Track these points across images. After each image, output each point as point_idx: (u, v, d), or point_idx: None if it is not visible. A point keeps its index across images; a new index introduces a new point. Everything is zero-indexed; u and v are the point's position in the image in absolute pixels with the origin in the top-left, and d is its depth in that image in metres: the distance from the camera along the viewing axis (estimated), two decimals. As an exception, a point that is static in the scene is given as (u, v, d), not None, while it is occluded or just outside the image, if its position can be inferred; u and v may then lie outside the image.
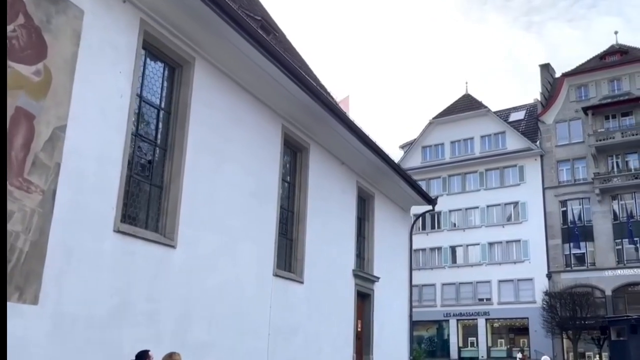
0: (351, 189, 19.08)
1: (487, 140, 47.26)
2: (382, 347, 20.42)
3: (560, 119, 44.87)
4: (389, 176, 21.08)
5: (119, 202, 9.55)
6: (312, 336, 15.59)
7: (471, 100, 49.66)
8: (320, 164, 16.92)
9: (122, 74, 9.82)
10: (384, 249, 21.55)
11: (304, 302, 15.42)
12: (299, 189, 15.96)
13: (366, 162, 19.30)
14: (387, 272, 21.64)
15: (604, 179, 41.87)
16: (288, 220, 15.52)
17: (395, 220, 23.22)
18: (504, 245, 44.48)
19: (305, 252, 15.61)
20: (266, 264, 13.71)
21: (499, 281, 43.79)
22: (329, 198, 17.37)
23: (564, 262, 42.37)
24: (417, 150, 49.80)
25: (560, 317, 38.54)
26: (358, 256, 19.85)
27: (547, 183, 44.10)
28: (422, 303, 46.12)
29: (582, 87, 45.11)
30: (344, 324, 17.79)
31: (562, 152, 44.18)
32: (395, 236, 23.01)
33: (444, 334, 45.80)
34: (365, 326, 19.80)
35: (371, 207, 20.95)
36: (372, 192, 20.94)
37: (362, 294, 19.55)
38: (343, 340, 17.59)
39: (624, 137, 41.50)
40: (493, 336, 44.56)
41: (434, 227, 47.62)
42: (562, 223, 42.92)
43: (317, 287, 16.10)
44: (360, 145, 17.93)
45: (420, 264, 47.28)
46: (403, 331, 23.06)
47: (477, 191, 46.38)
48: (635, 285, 40.36)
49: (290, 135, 15.34)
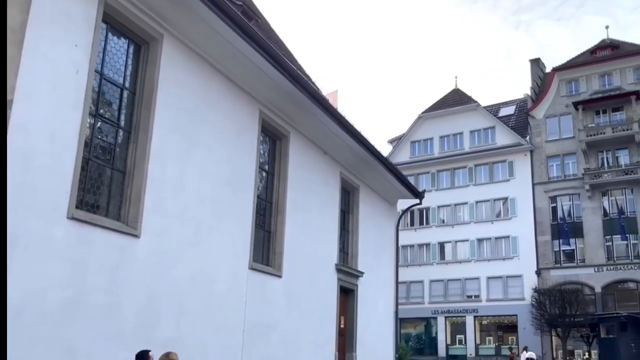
0: (334, 180, 18.36)
1: (476, 135, 46.65)
2: (366, 344, 19.75)
3: (551, 114, 44.34)
4: (374, 168, 20.39)
5: (74, 187, 8.79)
6: (291, 333, 14.88)
7: (461, 94, 49.02)
8: (301, 153, 16.20)
9: (78, 47, 9.05)
10: (369, 244, 20.87)
11: (282, 297, 14.70)
12: (278, 178, 15.23)
13: (350, 152, 18.61)
14: (372, 268, 20.96)
15: (594, 174, 41.37)
16: (266, 211, 14.80)
17: (381, 214, 22.52)
18: (493, 241, 43.93)
19: (285, 245, 14.89)
20: (241, 256, 12.99)
21: (488, 278, 43.22)
22: (311, 189, 16.65)
23: (554, 258, 41.86)
24: (405, 145, 49.14)
25: (549, 315, 38.01)
26: (341, 250, 19.15)
27: (536, 179, 43.57)
28: (410, 300, 45.52)
29: (572, 82, 44.59)
30: (326, 320, 17.08)
31: (552, 148, 43.65)
32: (381, 231, 22.32)
33: (432, 332, 45.20)
34: (348, 322, 19.11)
35: (356, 200, 20.25)
36: (356, 185, 20.24)
37: (345, 289, 18.85)
38: (325, 337, 16.88)
39: (614, 133, 41.00)
40: (481, 333, 43.99)
41: (422, 223, 46.99)
42: (552, 219, 42.41)
43: (297, 282, 15.39)
44: (343, 134, 17.22)
45: (409, 260, 46.68)
46: (388, 328, 22.39)
47: (466, 187, 45.77)
48: (625, 282, 39.92)
49: (268, 122, 14.60)
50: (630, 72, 42.58)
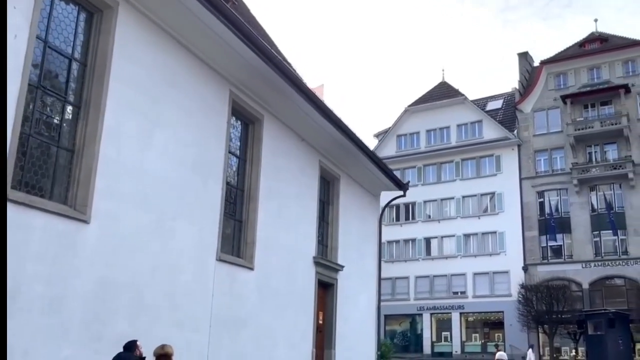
0: (312, 169, 17.49)
1: (463, 129, 45.91)
2: (346, 341, 18.91)
3: (539, 108, 43.68)
4: (356, 157, 19.53)
5: (10, 164, 7.87)
6: (264, 329, 14.00)
7: (448, 88, 48.26)
8: (276, 138, 15.31)
9: (17, 10, 8.12)
10: (350, 237, 20.03)
11: (254, 290, 13.82)
12: (251, 165, 14.33)
13: (330, 139, 17.74)
14: (353, 261, 20.12)
15: (582, 169, 40.76)
16: (237, 199, 13.90)
17: (363, 206, 21.68)
18: (480, 237, 43.23)
19: (257, 236, 14.00)
20: (208, 246, 12.09)
21: (474, 274, 42.52)
22: (286, 177, 15.78)
23: (541, 254, 41.24)
24: (391, 139, 48.32)
25: (536, 311, 37.40)
26: (320, 243, 18.29)
27: (524, 173, 42.91)
28: (395, 296, 44.76)
29: (561, 75, 43.94)
30: (303, 315, 16.22)
31: (540, 142, 43.00)
32: (363, 223, 21.48)
33: (417, 328, 44.45)
34: (327, 318, 18.26)
35: (336, 191, 19.38)
36: (337, 174, 19.37)
37: (324, 283, 18.00)
38: (301, 334, 16.02)
39: (603, 127, 40.41)
40: (467, 330, 43.30)
41: (408, 218, 46.22)
42: (539, 214, 41.77)
43: (271, 275, 14.52)
44: (321, 119, 16.34)
45: (394, 256, 45.93)
46: (370, 324, 21.57)
47: (453, 181, 45.05)
48: (612, 279, 39.38)
49: (240, 104, 13.70)
50: (619, 66, 41.99)
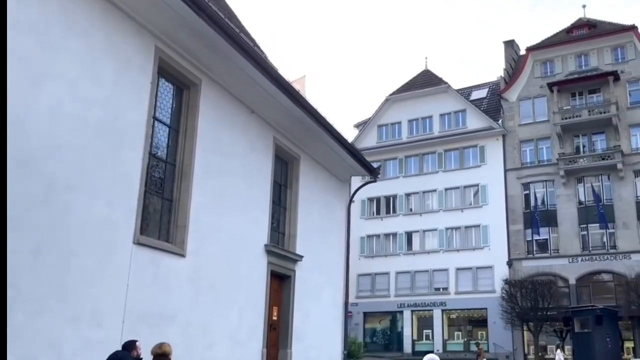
0: (265, 146, 15.56)
1: (446, 119, 44.04)
2: (306, 340, 17.02)
3: (524, 96, 41.90)
4: (319, 137, 17.63)
5: None
6: (198, 325, 12.06)
7: (431, 76, 46.35)
8: (218, 108, 13.38)
9: None
10: (312, 224, 18.12)
11: (186, 281, 11.87)
12: (184, 136, 12.38)
13: (286, 114, 15.83)
14: (316, 251, 18.22)
15: (569, 160, 39.03)
16: (166, 174, 11.96)
17: (329, 191, 19.78)
18: (463, 230, 41.41)
19: (191, 218, 12.06)
20: (120, 226, 10.14)
21: (457, 269, 40.67)
22: (231, 153, 13.84)
23: (526, 248, 39.48)
24: (372, 130, 46.36)
25: (521, 308, 35.64)
26: (275, 230, 16.38)
27: (509, 164, 41.13)
28: (375, 293, 42.90)
29: (547, 63, 42.18)
30: (251, 310, 14.28)
31: (526, 132, 41.24)
32: (329, 210, 19.58)
33: (398, 326, 42.56)
34: (283, 314, 16.36)
35: (295, 173, 17.48)
36: (296, 154, 17.47)
37: (279, 275, 16.10)
38: (248, 331, 14.09)
39: (591, 115, 38.67)
40: (450, 328, 41.43)
41: (389, 212, 44.30)
42: (525, 207, 40.01)
43: (208, 264, 12.59)
44: (274, 89, 14.42)
45: (374, 251, 44.04)
46: (336, 321, 19.68)
47: (435, 173, 43.17)
48: (600, 274, 37.68)
49: (169, 62, 11.75)
50: (607, 52, 40.29)
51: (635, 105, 38.79)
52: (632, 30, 39.57)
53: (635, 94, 39.09)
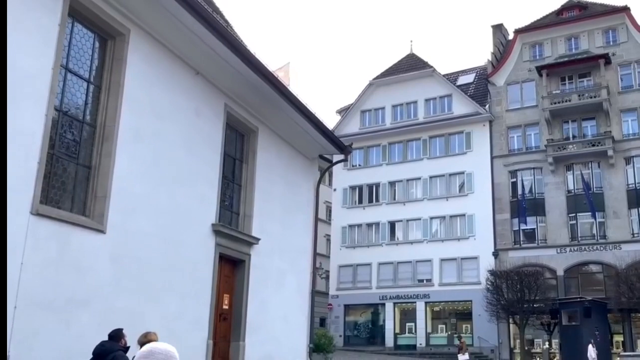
0: (214, 113, 13.85)
1: (431, 104, 42.29)
2: (263, 331, 15.37)
3: (512, 81, 40.26)
4: (280, 108, 15.96)
5: None
6: (121, 313, 10.33)
7: (416, 60, 44.56)
8: (153, 64, 11.65)
9: None
10: (272, 204, 16.46)
11: (105, 261, 10.17)
12: (107, 93, 10.66)
13: (241, 81, 14.15)
14: (277, 235, 16.59)
15: (558, 146, 37.45)
16: (83, 137, 10.25)
17: (294, 169, 18.11)
18: (448, 220, 39.76)
19: (114, 188, 10.37)
20: (16, 194, 8.38)
21: (441, 260, 39.02)
22: (170, 117, 12.14)
23: (513, 238, 37.89)
24: (355, 115, 44.55)
25: (506, 300, 34.10)
26: (226, 208, 14.71)
27: (495, 151, 39.51)
28: (356, 285, 41.24)
29: (536, 46, 40.53)
30: (193, 298, 12.61)
31: (513, 117, 39.62)
32: (294, 190, 17.91)
33: (380, 319, 40.92)
34: (236, 303, 14.71)
35: (252, 146, 15.79)
36: (254, 127, 15.79)
37: (230, 259, 14.44)
38: (190, 321, 12.41)
39: (581, 100, 37.06)
40: (433, 321, 39.75)
41: (371, 201, 42.57)
42: (512, 196, 38.41)
43: (136, 242, 10.89)
44: (223, 49, 12.73)
45: (356, 241, 42.35)
46: (301, 312, 18.03)
47: (420, 160, 41.48)
48: (589, 265, 36.19)
49: (86, 5, 10.01)
50: (599, 35, 38.69)
51: (627, 89, 37.27)
52: (624, 11, 37.99)
53: (627, 78, 37.56)
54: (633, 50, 37.52)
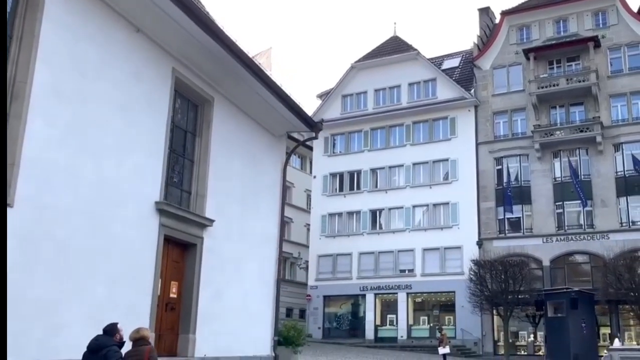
0: (159, 78, 12.30)
1: (415, 89, 40.81)
2: (218, 323, 13.92)
3: (499, 65, 38.86)
4: (242, 78, 14.45)
5: None
6: (29, 304, 8.83)
7: (399, 43, 43.03)
8: (78, 15, 10.09)
9: None
10: (231, 183, 14.98)
11: (11, 241, 8.59)
12: (19, 44, 9.10)
13: (194, 43, 12.64)
14: (236, 217, 15.12)
15: (545, 132, 36.16)
16: (-15, 93, 8.67)
17: (258, 147, 16.60)
18: (431, 208, 38.39)
19: (25, 155, 8.84)
20: None
21: (424, 250, 37.67)
22: (101, 78, 10.59)
23: (497, 227, 36.60)
24: (336, 100, 42.95)
25: (490, 291, 32.81)
26: (175, 185, 13.21)
27: (481, 138, 38.15)
28: (336, 275, 39.81)
29: (523, 28, 39.12)
30: (129, 284, 11.09)
31: (499, 102, 38.25)
32: (257, 170, 16.41)
33: (360, 311, 39.55)
34: (185, 291, 13.21)
35: (207, 118, 14.26)
36: (209, 97, 14.25)
37: (178, 242, 12.93)
38: (124, 311, 10.84)
39: (569, 84, 35.72)
40: (415, 313, 38.42)
41: (352, 188, 41.10)
42: (497, 183, 37.10)
43: (52, 219, 9.38)
44: (168, 4, 11.19)
45: (336, 230, 40.93)
46: (265, 302, 16.58)
47: (403, 147, 40.03)
48: (576, 255, 34.97)
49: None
50: (588, 17, 37.34)
51: (617, 74, 35.96)
52: (614, -7, 36.70)
53: (617, 62, 36.26)
54: (623, 33, 36.23)
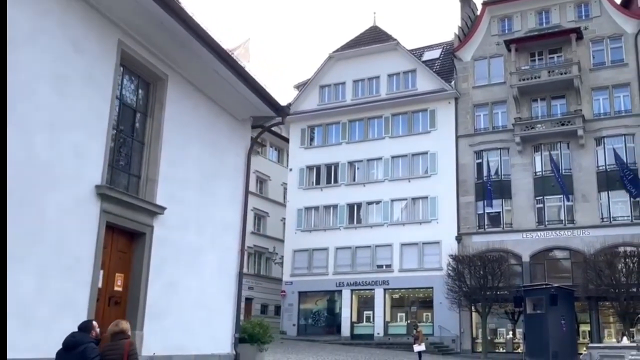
0: (102, 50, 11.16)
1: (395, 80, 39.91)
2: (170, 319, 12.85)
3: (480, 56, 38.06)
4: (200, 56, 13.31)
5: None
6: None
7: (379, 33, 42.04)
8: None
9: None
10: (187, 169, 13.87)
11: None
12: None
13: (144, 14, 11.49)
14: (193, 205, 14.03)
15: (526, 125, 35.42)
16: None
17: (218, 130, 15.49)
18: (410, 202, 37.50)
19: None
20: None
21: (402, 245, 36.80)
22: (28, 44, 9.45)
23: (477, 222, 35.83)
24: (313, 90, 41.87)
25: (468, 287, 32.01)
26: (122, 169, 12.10)
27: (461, 130, 37.33)
28: (312, 271, 38.80)
29: (505, 19, 38.33)
30: (62, 275, 9.97)
31: (480, 95, 37.44)
32: (217, 155, 15.31)
33: (336, 307, 38.59)
34: (133, 284, 12.11)
35: (159, 98, 13.14)
36: (162, 74, 13.13)
37: (124, 230, 11.82)
38: (58, 305, 9.80)
39: (550, 76, 34.98)
40: (392, 309, 37.57)
41: (330, 182, 40.09)
42: (477, 177, 36.32)
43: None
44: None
45: (312, 224, 39.93)
46: (225, 297, 15.51)
47: (382, 139, 39.11)
48: (556, 250, 34.28)
49: None
50: (571, 9, 36.63)
51: (599, 66, 35.30)
52: (597, -16, 36.03)
53: (599, 55, 35.59)
54: (606, 25, 35.58)
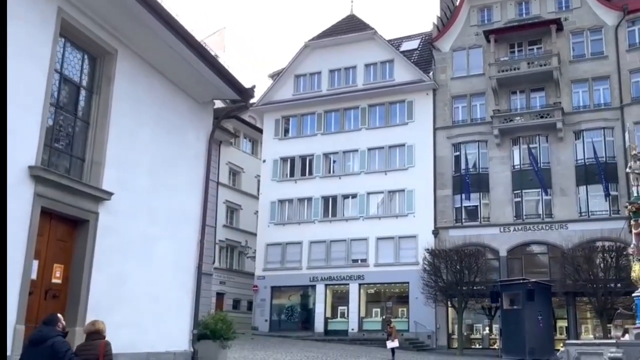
0: (38, 18, 10.10)
1: (372, 70, 39.01)
2: (117, 314, 11.74)
3: (458, 47, 37.31)
4: (153, 29, 12.26)
5: None
6: None
7: (356, 21, 41.07)
8: None
9: None
10: (137, 152, 12.82)
11: None
12: None
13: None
14: (145, 192, 12.99)
15: (504, 117, 34.77)
16: None
17: (176, 112, 14.43)
18: (386, 196, 36.70)
19: None
20: None
21: (377, 239, 35.99)
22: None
23: (454, 216, 35.13)
24: (288, 80, 40.81)
25: (445, 282, 31.30)
26: (62, 151, 11.06)
27: (439, 123, 36.56)
28: (285, 265, 37.83)
29: (485, 10, 37.60)
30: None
31: (458, 86, 36.70)
32: (174, 140, 14.27)
33: (310, 303, 37.69)
34: (74, 276, 11.08)
35: (107, 74, 12.06)
36: (111, 49, 12.06)
37: (64, 217, 10.78)
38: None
39: (530, 68, 34.35)
40: (367, 305, 36.76)
41: (304, 174, 39.10)
42: (454, 170, 35.61)
43: None
44: None
45: (286, 217, 38.95)
46: (182, 291, 14.51)
47: (358, 130, 38.23)
48: (533, 245, 33.71)
49: None
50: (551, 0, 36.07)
51: (579, 58, 34.73)
52: (578, -26, 35.42)
53: (579, 47, 35.01)
54: (586, 16, 35.01)
